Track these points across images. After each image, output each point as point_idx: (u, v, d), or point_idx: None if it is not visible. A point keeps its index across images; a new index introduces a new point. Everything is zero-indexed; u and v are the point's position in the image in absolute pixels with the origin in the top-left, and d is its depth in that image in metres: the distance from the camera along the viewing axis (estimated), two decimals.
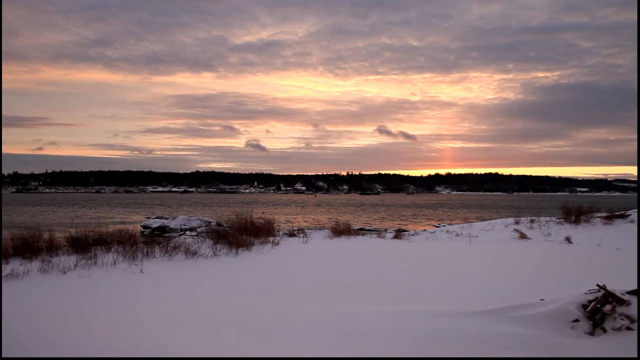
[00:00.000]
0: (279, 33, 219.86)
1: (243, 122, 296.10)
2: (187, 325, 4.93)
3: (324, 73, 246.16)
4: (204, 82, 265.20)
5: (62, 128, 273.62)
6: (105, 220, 34.50)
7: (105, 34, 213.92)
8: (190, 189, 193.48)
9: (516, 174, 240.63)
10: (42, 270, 7.94)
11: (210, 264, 9.43)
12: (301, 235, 14.03)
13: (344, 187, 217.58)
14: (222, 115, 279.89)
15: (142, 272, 8.22)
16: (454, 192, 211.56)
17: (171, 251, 9.98)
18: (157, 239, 12.91)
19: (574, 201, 18.54)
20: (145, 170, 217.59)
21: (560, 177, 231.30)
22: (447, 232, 16.06)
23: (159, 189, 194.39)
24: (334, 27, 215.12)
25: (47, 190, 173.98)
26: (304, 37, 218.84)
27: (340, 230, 14.37)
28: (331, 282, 7.94)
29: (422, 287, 7.50)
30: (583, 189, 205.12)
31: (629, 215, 16.42)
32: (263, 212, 19.39)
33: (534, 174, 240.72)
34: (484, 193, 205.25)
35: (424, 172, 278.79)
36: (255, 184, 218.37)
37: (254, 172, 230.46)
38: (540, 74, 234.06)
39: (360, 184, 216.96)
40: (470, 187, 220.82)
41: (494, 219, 20.45)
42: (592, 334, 4.31)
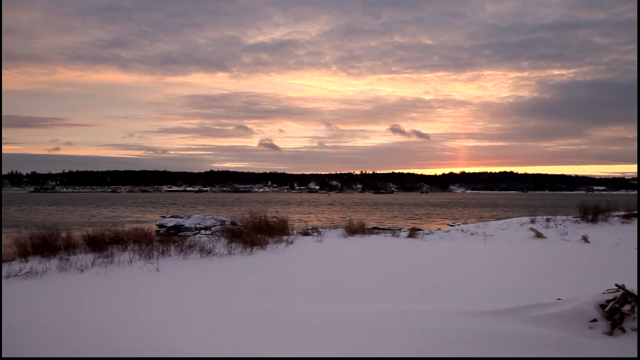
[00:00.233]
0: (292, 33, 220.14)
1: (256, 122, 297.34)
2: (201, 324, 4.96)
3: (337, 72, 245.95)
4: (218, 82, 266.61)
5: (78, 128, 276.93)
6: (121, 219, 34.85)
7: (120, 35, 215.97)
8: (204, 189, 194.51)
9: (531, 172, 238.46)
10: (60, 269, 8.05)
11: (225, 262, 9.48)
12: (315, 234, 14.04)
13: (358, 186, 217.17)
14: (235, 115, 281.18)
15: (157, 270, 8.29)
16: (469, 191, 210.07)
17: (186, 250, 10.05)
18: (173, 237, 13.01)
19: (591, 200, 18.31)
20: (160, 170, 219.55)
21: (576, 176, 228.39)
22: (462, 231, 15.97)
23: (174, 188, 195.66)
24: (347, 26, 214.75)
25: (64, 189, 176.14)
26: (317, 36, 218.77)
27: (355, 229, 14.36)
28: (346, 281, 7.93)
29: (437, 286, 7.46)
30: (600, 188, 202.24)
31: None
32: (277, 211, 19.43)
33: (549, 173, 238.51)
34: (499, 192, 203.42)
35: (438, 171, 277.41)
36: (269, 183, 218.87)
37: (267, 172, 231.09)
38: (555, 72, 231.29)
39: (374, 183, 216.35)
40: (485, 186, 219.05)
41: (509, 218, 20.28)
42: (610, 334, 4.25)
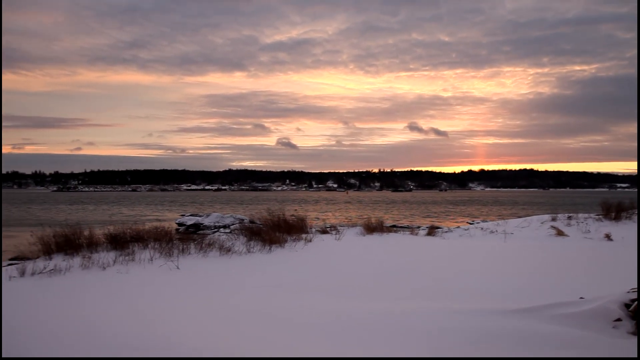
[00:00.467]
0: (309, 31, 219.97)
1: (274, 121, 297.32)
2: (221, 321, 5.00)
3: (354, 70, 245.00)
4: (236, 82, 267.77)
5: (99, 128, 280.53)
6: (141, 218, 35.28)
7: (140, 36, 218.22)
8: (223, 187, 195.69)
9: (552, 169, 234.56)
10: (83, 266, 8.18)
11: (244, 260, 9.54)
12: (334, 232, 14.04)
13: (376, 184, 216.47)
14: (253, 114, 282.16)
15: (178, 268, 8.37)
16: (488, 189, 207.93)
17: (206, 248, 10.13)
18: (192, 236, 13.15)
19: (614, 197, 17.99)
20: (179, 169, 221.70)
21: (598, 173, 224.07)
22: (482, 229, 15.82)
23: (193, 187, 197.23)
24: (364, 24, 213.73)
25: (86, 188, 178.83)
26: (334, 34, 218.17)
27: (373, 227, 14.32)
28: (365, 279, 7.92)
29: (457, 285, 7.41)
30: (623, 185, 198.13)
31: None
32: (296, 210, 19.48)
33: (570, 170, 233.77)
34: (519, 189, 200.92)
35: (457, 169, 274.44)
36: (287, 181, 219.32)
37: (285, 170, 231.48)
38: (577, 67, 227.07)
39: (392, 181, 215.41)
40: (505, 184, 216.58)
41: (529, 215, 20.03)
42: (635, 333, 4.18)
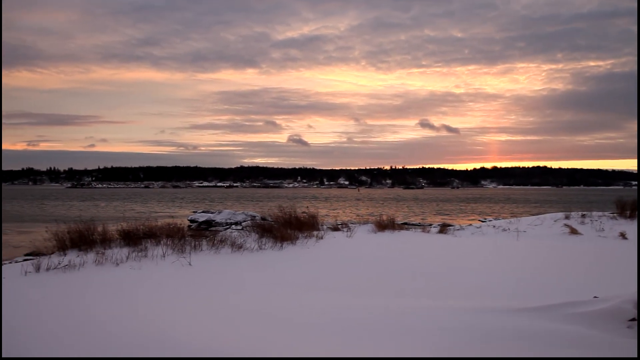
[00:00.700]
0: (320, 28, 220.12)
1: (286, 117, 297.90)
2: (231, 318, 5.03)
3: (366, 67, 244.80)
4: (248, 79, 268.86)
5: (112, 125, 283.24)
6: (154, 215, 35.55)
7: (152, 34, 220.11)
8: (235, 184, 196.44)
9: (566, 167, 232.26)
10: (96, 262, 8.26)
11: (255, 257, 9.57)
12: (345, 229, 14.04)
13: (387, 181, 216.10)
14: (265, 110, 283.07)
15: (190, 264, 8.42)
16: (500, 186, 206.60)
17: (218, 244, 10.18)
18: (204, 232, 13.21)
19: (629, 195, 17.79)
20: (191, 166, 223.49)
21: (613, 170, 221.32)
22: (494, 227, 15.72)
23: (205, 183, 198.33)
24: (376, 20, 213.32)
25: (100, 185, 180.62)
26: (346, 31, 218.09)
27: (384, 225, 14.29)
28: (376, 276, 7.92)
29: (468, 283, 7.38)
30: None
31: None
32: (307, 207, 19.52)
33: (585, 167, 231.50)
34: (532, 187, 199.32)
35: (469, 166, 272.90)
36: (299, 178, 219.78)
37: (297, 167, 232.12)
38: (592, 63, 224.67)
39: (403, 178, 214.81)
40: (518, 181, 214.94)
41: (542, 213, 19.88)
42: None
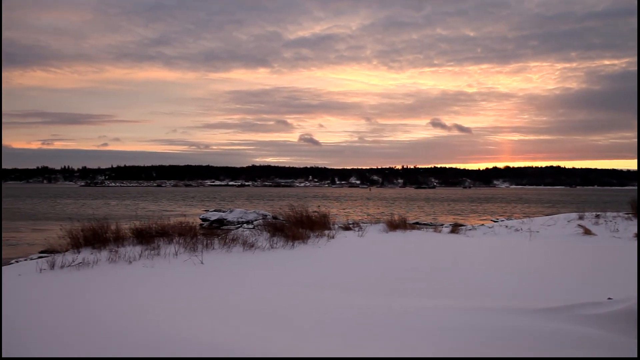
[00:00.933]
0: (332, 27, 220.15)
1: (297, 117, 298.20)
2: (246, 317, 5.05)
3: (378, 66, 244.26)
4: (259, 78, 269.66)
5: (125, 124, 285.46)
6: (166, 213, 35.76)
7: (165, 33, 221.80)
8: (246, 183, 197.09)
9: (579, 167, 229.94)
10: (110, 260, 8.35)
11: (267, 256, 9.61)
12: (356, 229, 14.03)
13: (399, 180, 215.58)
14: (277, 110, 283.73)
15: (202, 263, 8.48)
16: (513, 186, 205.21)
17: (229, 243, 10.23)
18: (216, 231, 13.26)
19: None
20: (203, 165, 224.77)
21: (628, 170, 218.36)
22: (506, 227, 15.62)
23: (217, 182, 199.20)
24: (388, 19, 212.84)
25: (113, 184, 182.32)
26: (358, 30, 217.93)
27: (396, 224, 14.26)
28: (388, 276, 7.91)
29: (481, 283, 7.35)
30: None
31: None
32: (319, 206, 19.53)
33: (599, 167, 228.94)
34: (545, 187, 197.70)
35: (481, 166, 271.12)
36: (310, 177, 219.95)
37: (308, 166, 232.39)
38: (606, 62, 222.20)
39: (415, 177, 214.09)
40: (530, 181, 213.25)
41: (555, 213, 19.71)
42: None
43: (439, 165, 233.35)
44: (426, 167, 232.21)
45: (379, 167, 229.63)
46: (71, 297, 5.88)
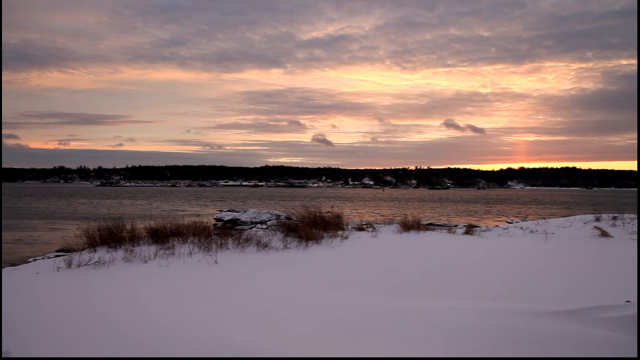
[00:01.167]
0: (345, 27, 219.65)
1: (310, 117, 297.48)
2: (261, 317, 5.06)
3: (391, 67, 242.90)
4: (272, 78, 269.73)
5: (139, 125, 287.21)
6: (180, 213, 35.98)
7: (179, 34, 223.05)
8: (260, 183, 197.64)
9: (596, 168, 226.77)
10: (125, 259, 8.43)
11: (281, 256, 9.62)
12: (370, 229, 14.01)
13: (412, 181, 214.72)
14: (290, 110, 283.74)
15: (216, 262, 8.52)
16: (528, 187, 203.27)
17: (243, 243, 10.27)
18: (230, 231, 13.31)
19: None
20: (217, 165, 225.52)
21: None
22: (521, 228, 15.47)
23: (230, 183, 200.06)
24: (401, 19, 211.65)
25: (128, 183, 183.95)
26: (371, 30, 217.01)
27: (410, 225, 14.21)
28: (401, 277, 7.88)
29: (496, 285, 7.29)
30: None
31: None
32: (332, 207, 19.52)
33: (616, 168, 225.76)
34: (560, 188, 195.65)
35: (496, 167, 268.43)
36: (323, 178, 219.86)
37: (321, 167, 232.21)
38: (623, 62, 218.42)
39: (428, 178, 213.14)
40: (545, 182, 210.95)
41: (571, 215, 19.48)
42: None
43: (452, 166, 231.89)
44: (440, 167, 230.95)
45: (392, 168, 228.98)
46: (88, 295, 5.94)
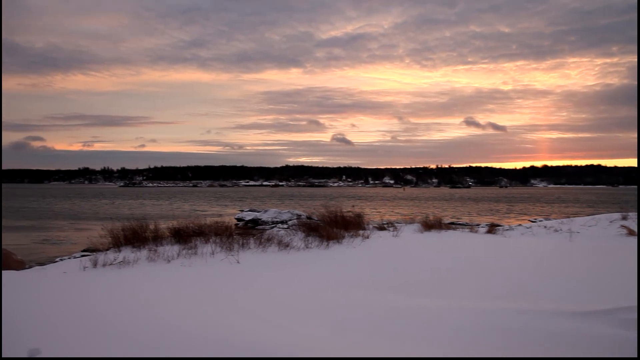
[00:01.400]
0: (364, 26, 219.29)
1: (330, 117, 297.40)
2: (285, 316, 5.10)
3: (410, 65, 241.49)
4: (292, 78, 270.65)
5: (161, 126, 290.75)
6: (202, 213, 36.36)
7: (199, 35, 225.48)
8: (280, 183, 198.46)
9: (622, 165, 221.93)
10: (149, 259, 8.56)
11: (302, 256, 9.66)
12: (391, 228, 13.97)
13: (433, 180, 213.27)
14: (309, 110, 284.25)
15: (238, 262, 8.59)
16: (551, 185, 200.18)
17: (265, 243, 10.34)
18: (251, 231, 13.41)
19: None
20: (238, 165, 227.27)
21: None
22: (545, 227, 15.27)
23: (251, 183, 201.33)
24: (420, 17, 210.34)
25: (150, 184, 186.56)
26: (390, 29, 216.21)
27: (431, 224, 14.13)
28: (423, 276, 7.85)
29: (520, 284, 7.21)
30: None
31: None
32: (353, 206, 19.52)
33: None
34: (585, 186, 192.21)
35: (518, 165, 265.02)
36: (344, 177, 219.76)
37: (342, 166, 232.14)
38: None
39: (450, 177, 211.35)
40: (569, 180, 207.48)
41: (597, 214, 19.15)
42: None
43: (474, 165, 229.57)
44: (461, 166, 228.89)
45: (413, 167, 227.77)
46: (115, 294, 6.05)
